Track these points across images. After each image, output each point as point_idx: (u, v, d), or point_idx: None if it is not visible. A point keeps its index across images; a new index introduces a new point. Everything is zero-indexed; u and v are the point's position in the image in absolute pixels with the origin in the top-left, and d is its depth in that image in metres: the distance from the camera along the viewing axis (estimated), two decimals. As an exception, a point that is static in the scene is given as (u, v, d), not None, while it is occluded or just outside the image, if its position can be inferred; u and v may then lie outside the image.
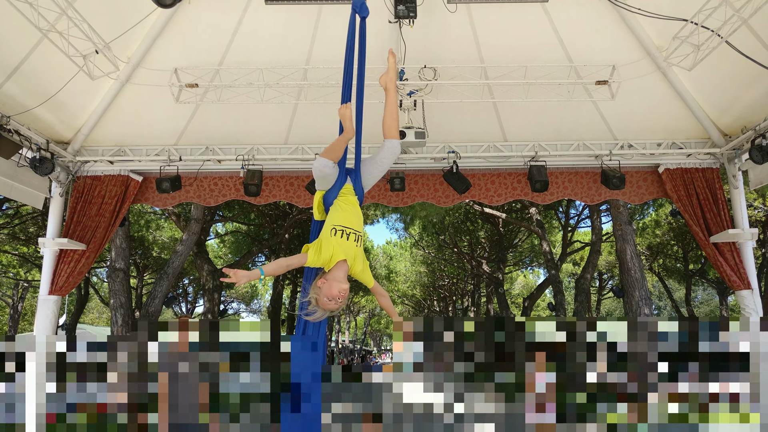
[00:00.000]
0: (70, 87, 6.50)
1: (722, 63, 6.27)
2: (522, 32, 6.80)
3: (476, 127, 7.85)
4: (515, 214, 19.79)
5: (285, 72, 7.00)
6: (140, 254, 21.31)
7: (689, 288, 21.75)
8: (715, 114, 7.36)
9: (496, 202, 8.15)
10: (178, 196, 8.06)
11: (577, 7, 6.41)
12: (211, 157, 7.90)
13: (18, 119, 6.68)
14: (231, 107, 7.41)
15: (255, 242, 21.63)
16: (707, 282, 23.42)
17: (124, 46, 6.53)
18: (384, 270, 37.56)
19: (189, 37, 6.76)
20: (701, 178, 7.69)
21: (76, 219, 7.64)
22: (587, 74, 6.98)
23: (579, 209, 19.54)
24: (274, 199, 8.16)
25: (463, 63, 7.04)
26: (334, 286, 3.22)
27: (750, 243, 7.40)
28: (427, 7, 6.04)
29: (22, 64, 6.19)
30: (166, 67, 6.86)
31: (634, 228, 13.77)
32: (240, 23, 6.68)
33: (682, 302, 30.30)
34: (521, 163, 7.94)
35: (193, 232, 13.57)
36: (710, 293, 36.25)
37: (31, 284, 22.29)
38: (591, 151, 7.81)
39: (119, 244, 12.25)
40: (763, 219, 16.51)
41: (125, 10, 6.15)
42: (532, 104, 7.37)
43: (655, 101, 7.30)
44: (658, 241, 21.36)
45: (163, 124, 7.72)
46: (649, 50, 6.69)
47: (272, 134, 7.96)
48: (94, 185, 7.82)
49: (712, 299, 37.40)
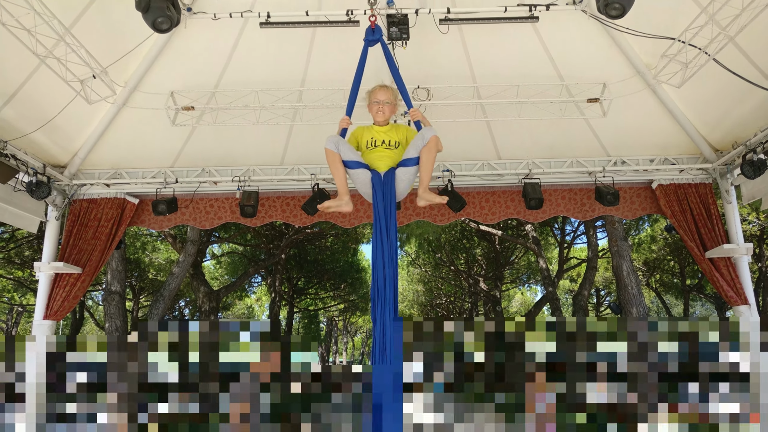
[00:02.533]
0: (67, 111, 6.54)
1: (711, 80, 6.36)
2: (513, 52, 6.89)
3: (470, 145, 7.91)
4: (511, 231, 19.85)
5: (280, 94, 7.06)
6: (136, 276, 21.23)
7: (687, 303, 21.76)
8: (705, 130, 7.45)
9: (491, 220, 8.18)
10: (174, 219, 8.07)
11: (567, 27, 6.51)
12: (207, 179, 7.92)
13: (15, 144, 6.71)
14: (227, 129, 7.46)
15: (251, 263, 21.58)
16: (705, 297, 23.43)
17: (121, 70, 6.58)
18: (381, 289, 37.39)
19: (185, 61, 6.83)
20: (694, 194, 7.75)
21: (72, 242, 7.62)
22: (578, 92, 7.07)
23: (575, 225, 19.62)
24: (271, 219, 8.18)
25: (456, 83, 7.12)
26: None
27: (746, 258, 7.44)
28: (419, 28, 6.12)
29: (19, 90, 6.23)
30: (163, 91, 6.92)
31: (630, 244, 13.81)
32: (235, 46, 6.75)
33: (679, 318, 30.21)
34: (515, 181, 7.99)
35: (190, 253, 13.55)
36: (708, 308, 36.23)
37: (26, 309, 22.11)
38: (584, 168, 7.87)
39: (115, 267, 12.21)
40: (758, 233, 16.60)
41: (122, 35, 6.22)
42: (525, 122, 7.44)
43: (646, 118, 7.38)
44: (654, 256, 21.42)
45: (159, 147, 7.76)
46: (638, 68, 6.79)
47: (268, 155, 8.00)
48: (90, 208, 7.82)
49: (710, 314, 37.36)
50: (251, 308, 36.63)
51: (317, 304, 31.32)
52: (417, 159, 3.92)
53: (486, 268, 23.50)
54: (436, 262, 25.05)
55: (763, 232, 16.85)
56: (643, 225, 21.81)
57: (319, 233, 19.82)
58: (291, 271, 24.23)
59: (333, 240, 22.08)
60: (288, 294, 25.22)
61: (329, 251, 23.39)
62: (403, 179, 3.94)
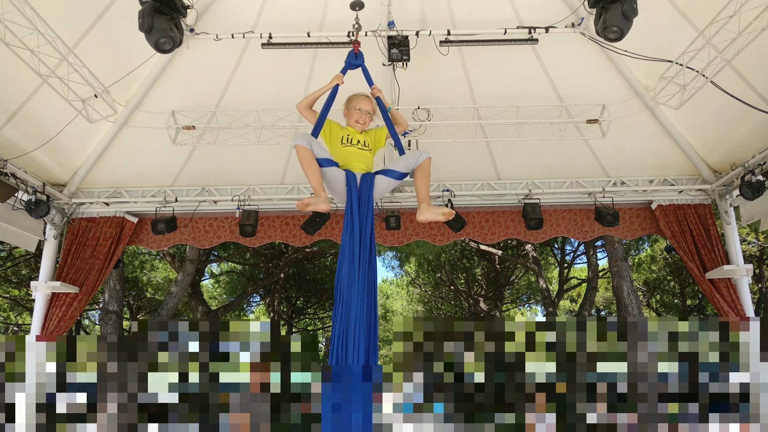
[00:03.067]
0: (68, 130, 6.56)
1: (709, 101, 6.41)
2: (513, 73, 6.96)
3: (470, 165, 7.94)
4: (511, 250, 19.80)
5: (281, 113, 7.10)
6: (134, 295, 21.11)
7: (687, 324, 21.59)
8: (704, 151, 7.48)
9: (490, 240, 8.17)
10: (173, 238, 8.05)
11: (566, 48, 6.57)
12: (207, 198, 7.92)
13: (15, 162, 6.72)
14: (227, 148, 7.49)
15: (250, 282, 21.49)
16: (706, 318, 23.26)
17: (122, 89, 6.63)
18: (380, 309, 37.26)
19: (186, 80, 6.88)
20: (694, 214, 7.75)
21: (70, 261, 7.59)
22: (578, 113, 7.11)
23: (574, 245, 19.58)
24: (270, 239, 8.16)
25: (456, 103, 7.17)
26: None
27: (746, 279, 7.42)
28: (420, 49, 6.18)
29: (20, 109, 6.26)
30: (164, 110, 6.95)
31: (630, 264, 13.78)
32: (237, 66, 6.81)
33: (680, 338, 30.03)
34: (515, 201, 8.00)
35: (188, 272, 13.50)
36: (708, 329, 35.99)
37: (21, 328, 21.95)
38: (584, 188, 7.89)
39: (113, 286, 12.16)
40: (758, 253, 16.57)
41: (125, 55, 6.28)
42: (525, 143, 7.48)
43: (645, 139, 7.42)
44: (654, 276, 21.34)
45: (159, 166, 7.78)
46: (637, 90, 6.85)
47: (268, 174, 8.02)
48: (89, 227, 7.80)
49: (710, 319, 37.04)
50: (249, 328, 36.31)
51: (316, 324, 31.13)
52: (402, 174, 3.87)
53: (486, 287, 23.40)
54: (436, 281, 24.95)
55: (762, 252, 16.83)
56: (642, 245, 21.76)
57: (319, 252, 19.76)
58: (290, 290, 24.11)
59: (332, 259, 21.98)
60: (287, 314, 25.07)
61: (328, 270, 23.27)
62: (380, 186, 3.87)
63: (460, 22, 6.36)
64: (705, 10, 5.58)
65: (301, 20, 6.28)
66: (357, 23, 5.25)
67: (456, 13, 6.33)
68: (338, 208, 7.97)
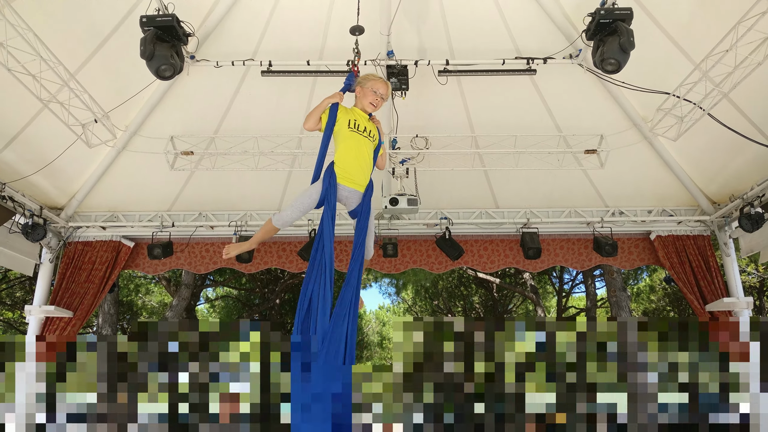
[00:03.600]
0: (66, 154, 6.57)
1: (706, 133, 6.44)
2: (511, 102, 7.01)
3: (468, 193, 7.94)
4: (509, 278, 19.72)
5: (280, 140, 7.12)
6: (128, 319, 20.90)
7: (687, 355, 21.39)
8: (702, 182, 7.49)
9: (489, 269, 8.13)
10: (169, 263, 8.00)
11: (564, 79, 6.63)
12: (203, 223, 7.90)
13: (13, 186, 6.71)
14: (225, 174, 7.49)
15: (246, 307, 21.31)
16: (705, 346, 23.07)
17: (122, 114, 6.65)
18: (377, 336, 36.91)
19: (186, 106, 6.92)
20: (693, 245, 7.73)
21: (65, 285, 7.52)
22: (576, 143, 7.14)
23: (573, 274, 19.51)
24: (266, 266, 8.10)
25: (454, 132, 7.20)
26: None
27: (746, 312, 7.36)
28: (418, 78, 6.24)
29: (20, 133, 6.27)
30: (163, 135, 6.97)
31: (629, 294, 13.70)
32: (237, 93, 6.85)
33: (680, 369, 29.73)
34: (513, 230, 7.99)
35: (183, 297, 13.41)
36: (708, 360, 35.69)
37: (15, 352, 21.63)
38: (582, 218, 7.88)
39: (107, 310, 12.05)
40: (758, 285, 16.50)
41: (125, 81, 6.31)
42: (523, 172, 7.49)
43: (643, 169, 7.44)
44: (653, 306, 21.22)
45: (157, 190, 7.77)
46: (634, 121, 6.89)
47: (266, 200, 8.00)
48: (85, 251, 7.75)
49: (710, 366, 36.72)
50: (245, 354, 35.92)
51: (312, 351, 30.74)
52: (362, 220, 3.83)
53: (484, 316, 23.23)
54: (433, 309, 24.78)
55: (762, 284, 16.76)
56: (641, 274, 21.68)
57: (316, 278, 19.62)
58: (285, 316, 23.91)
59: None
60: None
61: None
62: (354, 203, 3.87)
63: (458, 51, 6.42)
64: (701, 44, 5.64)
65: (301, 48, 6.34)
66: (357, 48, 5.29)
67: (455, 43, 6.39)
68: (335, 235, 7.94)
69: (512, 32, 6.27)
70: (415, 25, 6.25)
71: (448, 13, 6.16)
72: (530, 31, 6.24)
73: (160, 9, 5.14)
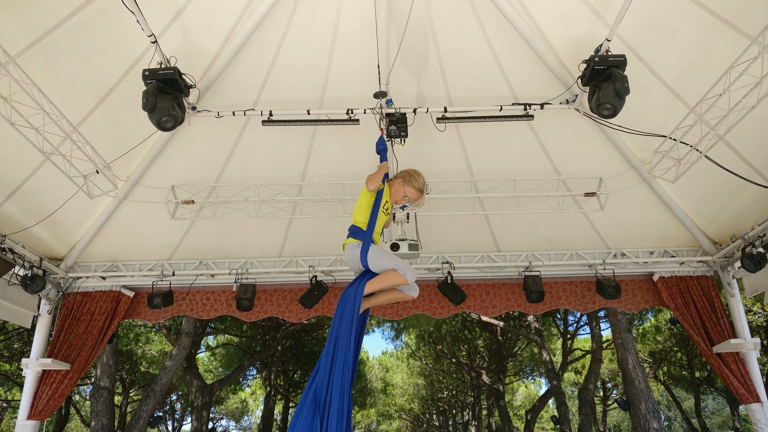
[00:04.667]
0: (67, 205, 6.58)
1: (705, 174, 6.47)
2: (509, 147, 7.06)
3: (469, 238, 7.93)
4: (513, 321, 19.49)
5: (280, 188, 7.16)
6: (127, 369, 20.57)
7: (698, 398, 20.96)
8: (703, 223, 7.48)
9: (491, 313, 8.03)
10: (169, 311, 7.92)
11: (561, 124, 6.70)
12: (204, 272, 7.85)
13: (13, 237, 6.70)
14: (226, 222, 7.50)
15: (246, 355, 21.00)
16: (716, 391, 22.63)
17: (123, 165, 6.70)
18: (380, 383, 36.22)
19: (187, 155, 6.97)
20: (696, 286, 7.66)
21: (63, 337, 7.41)
22: (575, 186, 7.17)
23: (577, 316, 19.29)
24: (266, 315, 8.01)
25: (454, 177, 7.24)
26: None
27: (754, 353, 7.23)
28: (417, 125, 6.30)
29: (22, 185, 6.30)
30: (164, 185, 7.01)
31: (635, 336, 13.51)
32: (237, 142, 6.91)
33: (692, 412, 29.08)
34: (515, 273, 7.93)
35: (184, 346, 13.22)
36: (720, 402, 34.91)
37: (11, 404, 21.25)
38: (584, 260, 7.84)
39: (105, 361, 11.87)
40: (765, 324, 16.28)
41: (127, 132, 6.38)
42: (523, 216, 7.50)
43: (643, 211, 7.44)
44: (660, 347, 20.89)
45: (157, 240, 7.75)
46: (633, 163, 6.93)
47: (266, 247, 7.98)
48: (84, 302, 7.68)
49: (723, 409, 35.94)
50: (245, 402, 35.25)
51: (314, 399, 30.10)
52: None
53: (488, 360, 22.86)
54: (437, 353, 24.41)
55: (769, 323, 16.53)
56: (646, 315, 21.45)
57: (316, 324, 19.44)
58: (287, 363, 23.54)
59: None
60: (284, 387, 24.36)
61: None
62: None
63: (456, 99, 6.52)
64: (695, 88, 5.73)
65: (301, 98, 6.44)
66: (381, 111, 5.47)
67: (452, 91, 6.49)
68: (336, 282, 7.90)
69: (509, 79, 6.38)
70: (413, 74, 6.37)
71: (446, 62, 6.28)
72: (527, 78, 6.35)
73: (162, 62, 5.24)
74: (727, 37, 5.25)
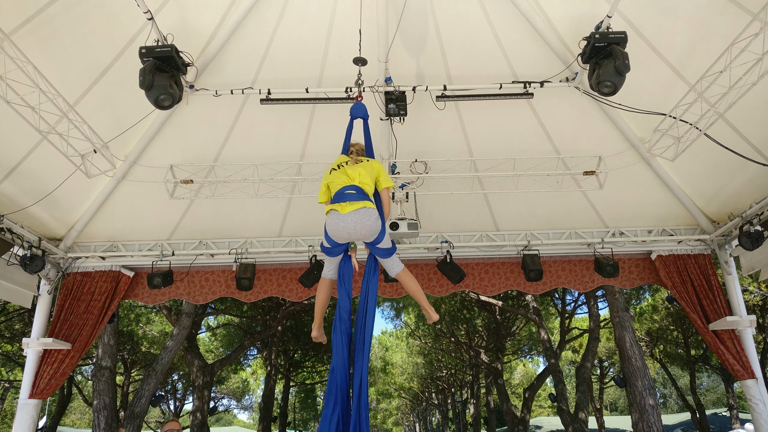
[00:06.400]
0: (65, 184, 6.56)
1: (704, 153, 6.45)
2: (509, 126, 7.03)
3: (468, 217, 7.93)
4: (511, 301, 19.60)
5: (279, 167, 7.14)
6: (128, 349, 20.71)
7: (693, 375, 21.18)
8: (701, 201, 7.49)
9: (490, 292, 8.07)
10: (168, 293, 7.94)
11: (561, 102, 6.67)
12: (204, 252, 7.87)
13: (11, 217, 6.69)
14: (225, 202, 7.49)
15: (247, 335, 21.13)
16: (711, 368, 22.87)
17: (121, 144, 6.67)
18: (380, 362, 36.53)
19: (185, 135, 6.94)
20: (694, 265, 7.69)
21: (63, 317, 7.45)
22: (574, 165, 7.15)
23: (575, 295, 19.39)
24: (266, 294, 8.04)
25: (453, 156, 7.22)
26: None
27: (749, 330, 7.29)
28: (416, 104, 6.27)
29: (19, 165, 6.28)
30: (162, 164, 6.98)
31: (632, 314, 13.60)
32: (236, 121, 6.88)
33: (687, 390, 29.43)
34: (514, 252, 7.96)
35: (184, 326, 13.28)
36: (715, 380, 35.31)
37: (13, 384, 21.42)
38: (583, 239, 7.86)
39: (106, 341, 11.93)
40: (760, 303, 16.40)
41: (125, 111, 6.34)
42: (523, 194, 7.49)
43: (642, 190, 7.44)
44: (656, 326, 21.05)
45: (156, 220, 7.75)
46: (632, 142, 6.91)
47: (266, 227, 7.99)
48: (84, 282, 7.70)
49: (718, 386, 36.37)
50: (246, 382, 35.61)
51: (314, 378, 30.46)
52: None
53: (487, 339, 23.04)
54: (436, 333, 24.58)
55: (765, 302, 16.65)
56: (644, 294, 21.58)
57: (317, 304, 19.49)
58: (287, 343, 23.70)
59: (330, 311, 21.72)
60: (284, 367, 24.56)
61: (326, 322, 22.91)
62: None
63: (456, 77, 6.47)
64: (696, 65, 5.69)
65: (300, 77, 6.39)
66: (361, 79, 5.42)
67: (452, 69, 6.44)
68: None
69: (509, 57, 6.33)
70: (412, 52, 6.31)
71: (445, 40, 6.22)
72: (527, 56, 6.30)
73: (159, 40, 5.19)
74: (728, 13, 5.20)
